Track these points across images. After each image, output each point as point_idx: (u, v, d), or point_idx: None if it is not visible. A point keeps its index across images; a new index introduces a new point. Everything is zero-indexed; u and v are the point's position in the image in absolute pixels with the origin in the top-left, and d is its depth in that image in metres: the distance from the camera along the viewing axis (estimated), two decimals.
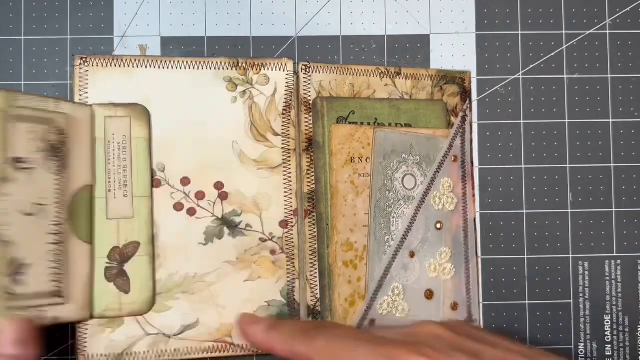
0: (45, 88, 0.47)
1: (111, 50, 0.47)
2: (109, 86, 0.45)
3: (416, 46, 0.49)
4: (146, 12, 0.48)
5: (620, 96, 0.49)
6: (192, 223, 0.45)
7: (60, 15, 0.47)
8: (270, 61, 0.47)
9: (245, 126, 0.46)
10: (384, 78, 0.48)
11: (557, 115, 0.49)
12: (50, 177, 0.41)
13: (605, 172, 0.49)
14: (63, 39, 0.47)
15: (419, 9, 0.49)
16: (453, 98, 0.49)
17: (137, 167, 0.44)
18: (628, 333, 0.48)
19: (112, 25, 0.47)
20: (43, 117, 0.41)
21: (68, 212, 0.42)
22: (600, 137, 0.49)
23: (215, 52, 0.48)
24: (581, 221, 0.49)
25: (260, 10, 0.48)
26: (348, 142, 0.46)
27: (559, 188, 0.49)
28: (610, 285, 0.49)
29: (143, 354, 0.44)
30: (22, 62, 0.47)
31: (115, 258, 0.44)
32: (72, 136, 0.43)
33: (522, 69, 0.49)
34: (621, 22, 0.49)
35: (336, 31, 0.49)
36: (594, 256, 0.49)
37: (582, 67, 0.49)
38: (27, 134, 0.40)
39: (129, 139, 0.44)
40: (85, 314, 0.43)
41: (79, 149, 0.43)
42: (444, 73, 0.49)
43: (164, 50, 0.47)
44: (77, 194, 0.43)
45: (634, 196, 0.49)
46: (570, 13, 0.49)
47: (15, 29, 0.47)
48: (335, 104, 0.46)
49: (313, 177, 0.46)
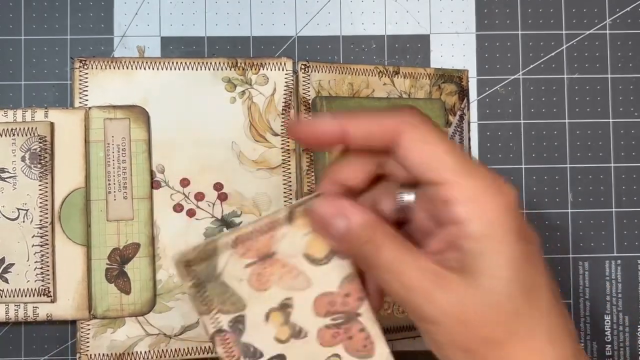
0: (45, 88, 0.47)
1: (111, 51, 0.47)
2: (108, 88, 0.45)
3: (416, 46, 0.49)
4: (146, 12, 0.48)
5: (621, 96, 0.49)
6: (191, 224, 0.45)
7: (60, 15, 0.47)
8: (269, 61, 0.47)
9: (245, 126, 0.46)
10: (383, 77, 0.48)
11: (557, 115, 0.49)
12: (34, 183, 0.43)
13: (605, 172, 0.49)
14: (63, 39, 0.47)
15: (419, 9, 0.49)
16: (451, 97, 0.48)
17: (137, 168, 0.44)
18: (628, 333, 0.48)
19: (112, 26, 0.47)
20: (23, 128, 0.44)
21: (58, 215, 0.44)
22: (600, 137, 0.49)
23: (215, 52, 0.48)
24: (581, 221, 0.49)
25: (260, 10, 0.48)
26: None
27: (559, 188, 0.49)
28: (611, 285, 0.49)
29: (144, 354, 0.44)
30: (21, 62, 0.47)
31: (116, 259, 0.44)
32: (62, 141, 0.44)
33: (522, 69, 0.49)
34: (621, 22, 0.49)
35: (336, 31, 0.49)
36: (594, 256, 0.49)
37: (582, 67, 0.49)
38: (8, 145, 0.43)
39: (128, 140, 0.44)
40: (84, 313, 0.44)
41: (70, 153, 0.44)
42: (442, 72, 0.49)
43: (163, 51, 0.47)
44: (68, 197, 0.44)
45: (634, 196, 0.49)
46: (571, 13, 0.49)
47: (15, 29, 0.47)
48: (335, 104, 0.46)
49: (313, 177, 0.46)
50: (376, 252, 0.28)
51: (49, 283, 0.43)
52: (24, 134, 0.44)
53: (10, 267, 0.43)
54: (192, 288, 0.30)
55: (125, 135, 0.44)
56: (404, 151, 0.27)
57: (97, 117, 0.44)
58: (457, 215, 0.26)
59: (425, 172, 0.27)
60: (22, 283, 0.43)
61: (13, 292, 0.43)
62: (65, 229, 0.44)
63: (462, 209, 0.26)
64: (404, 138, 0.27)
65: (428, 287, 0.27)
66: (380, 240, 0.28)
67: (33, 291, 0.43)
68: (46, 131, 0.44)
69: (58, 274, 0.44)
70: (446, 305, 0.26)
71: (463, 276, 0.26)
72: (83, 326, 0.44)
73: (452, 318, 0.27)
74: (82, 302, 0.44)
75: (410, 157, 0.27)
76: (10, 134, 0.44)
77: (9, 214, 0.43)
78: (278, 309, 0.30)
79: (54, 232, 0.44)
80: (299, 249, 0.30)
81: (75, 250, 0.44)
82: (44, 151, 0.44)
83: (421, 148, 0.27)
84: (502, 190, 0.27)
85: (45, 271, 0.43)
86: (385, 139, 0.28)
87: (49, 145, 0.44)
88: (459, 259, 0.27)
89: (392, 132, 0.28)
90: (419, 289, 0.27)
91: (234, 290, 0.30)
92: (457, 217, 0.26)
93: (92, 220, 0.44)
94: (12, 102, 0.46)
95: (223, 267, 0.30)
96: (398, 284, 0.27)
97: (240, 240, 0.30)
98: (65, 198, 0.44)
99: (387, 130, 0.28)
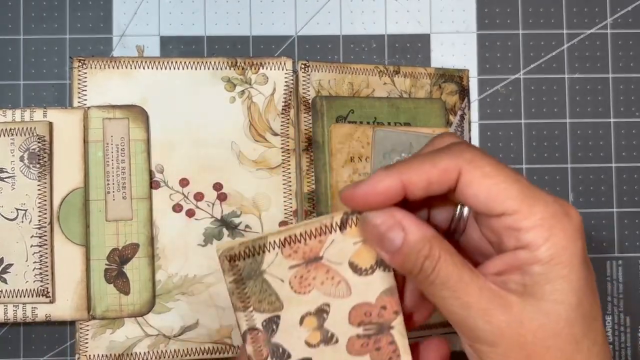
0: (44, 88, 0.47)
1: (110, 50, 0.47)
2: (107, 88, 0.45)
3: (416, 46, 0.49)
4: (145, 11, 0.47)
5: (622, 96, 0.49)
6: (191, 224, 0.45)
7: (59, 14, 0.47)
8: (269, 60, 0.47)
9: (244, 126, 0.46)
10: (383, 77, 0.48)
11: (558, 115, 0.49)
12: (32, 183, 0.43)
13: (606, 172, 0.49)
14: (62, 39, 0.47)
15: (419, 8, 0.49)
16: (451, 96, 0.48)
17: (136, 168, 0.44)
18: (629, 334, 0.48)
19: (111, 25, 0.47)
20: (22, 128, 0.44)
21: (56, 215, 0.44)
22: (601, 136, 0.49)
23: (214, 51, 0.47)
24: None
25: (260, 9, 0.48)
26: (348, 142, 0.46)
27: (560, 188, 0.49)
28: (612, 285, 0.48)
29: (143, 355, 0.44)
30: (21, 61, 0.47)
31: (115, 259, 0.44)
32: (61, 141, 0.44)
33: (522, 69, 0.49)
34: (622, 22, 0.49)
35: (336, 30, 0.48)
36: (595, 256, 0.48)
37: (583, 67, 0.49)
38: (6, 145, 0.43)
39: (127, 140, 0.44)
40: (83, 314, 0.44)
41: (68, 153, 0.44)
42: (443, 71, 0.48)
43: (163, 50, 0.47)
44: (67, 197, 0.44)
45: (635, 196, 0.49)
46: (571, 12, 0.49)
47: (14, 28, 0.47)
48: (335, 103, 0.46)
49: (313, 177, 0.46)
50: (434, 268, 0.27)
51: (48, 283, 0.43)
52: (23, 134, 0.43)
53: (9, 268, 0.43)
54: (233, 283, 0.29)
55: (124, 135, 0.44)
56: (466, 189, 0.27)
57: (96, 117, 0.44)
58: (527, 242, 0.26)
59: (492, 206, 0.27)
60: (21, 283, 0.43)
61: (12, 293, 0.43)
62: (64, 229, 0.44)
63: (532, 235, 0.26)
64: (464, 177, 0.27)
65: (487, 306, 0.26)
66: (438, 256, 0.27)
67: (32, 292, 0.43)
68: (45, 131, 0.44)
69: (57, 274, 0.44)
70: (505, 327, 0.26)
71: (524, 298, 0.26)
72: (82, 327, 0.44)
73: (510, 340, 0.26)
74: (81, 303, 0.43)
75: (473, 194, 0.27)
76: (9, 134, 0.43)
77: (8, 214, 0.43)
78: (314, 314, 0.30)
79: (53, 232, 0.44)
80: (345, 257, 0.30)
81: (74, 251, 0.44)
82: (43, 151, 0.43)
83: (484, 184, 0.27)
84: (569, 215, 0.26)
85: (44, 271, 0.43)
86: (446, 184, 0.27)
87: (47, 145, 0.44)
88: (522, 282, 0.26)
89: (451, 173, 0.27)
90: (478, 308, 0.26)
91: (274, 290, 0.30)
92: (527, 243, 0.26)
93: (91, 221, 0.44)
94: (11, 102, 0.46)
95: (267, 266, 0.29)
96: (456, 302, 0.27)
97: (288, 241, 0.29)
98: (64, 198, 0.44)
99: (446, 174, 0.27)
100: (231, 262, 0.29)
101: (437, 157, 0.27)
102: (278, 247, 0.29)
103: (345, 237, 0.30)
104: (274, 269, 0.29)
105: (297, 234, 0.29)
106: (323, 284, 0.30)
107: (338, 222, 0.30)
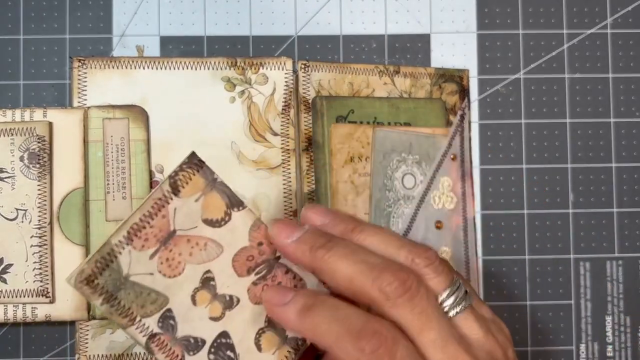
0: (44, 88, 0.46)
1: (110, 50, 0.47)
2: (107, 88, 0.45)
3: (416, 45, 0.49)
4: (145, 11, 0.47)
5: (622, 96, 0.49)
6: None
7: (59, 14, 0.47)
8: (269, 60, 0.47)
9: (244, 126, 0.46)
10: (383, 77, 0.48)
11: (558, 115, 0.49)
12: (32, 183, 0.43)
13: (606, 172, 0.49)
14: (62, 39, 0.47)
15: (419, 8, 0.49)
16: (451, 96, 0.48)
17: (136, 168, 0.44)
18: (630, 334, 0.48)
19: (110, 25, 0.47)
20: (22, 128, 0.44)
21: (56, 215, 0.44)
22: (601, 137, 0.49)
23: (214, 51, 0.47)
24: (582, 221, 0.48)
25: (260, 9, 0.48)
26: (348, 142, 0.46)
27: (560, 188, 0.49)
28: (612, 285, 0.48)
29: (143, 355, 0.44)
30: (20, 61, 0.47)
31: None
32: (61, 141, 0.44)
33: (523, 69, 0.49)
34: (622, 22, 0.49)
35: (336, 30, 0.48)
36: (595, 256, 0.48)
37: (583, 67, 0.49)
38: (6, 145, 0.43)
39: (127, 140, 0.44)
40: (83, 314, 0.44)
41: (68, 153, 0.44)
42: (443, 71, 0.48)
43: (163, 50, 0.47)
44: (67, 197, 0.44)
45: (636, 196, 0.49)
46: (572, 12, 0.49)
47: (13, 28, 0.47)
48: (335, 103, 0.46)
49: (313, 177, 0.46)
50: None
51: (48, 284, 0.43)
52: (23, 134, 0.43)
53: (8, 268, 0.43)
54: (105, 304, 0.27)
55: (124, 135, 0.44)
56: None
57: (96, 117, 0.44)
58: None
59: None
60: (21, 283, 0.43)
61: (11, 293, 0.43)
62: (64, 229, 0.44)
63: None
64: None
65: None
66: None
67: (32, 292, 0.43)
68: (45, 131, 0.44)
69: (57, 274, 0.44)
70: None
71: None
72: (82, 327, 0.44)
73: None
74: (81, 303, 0.43)
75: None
76: (8, 134, 0.43)
77: (8, 214, 0.43)
78: (201, 287, 0.29)
79: (53, 233, 0.44)
80: (196, 218, 0.29)
81: (74, 251, 0.44)
82: (43, 151, 0.43)
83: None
84: None
85: (44, 271, 0.43)
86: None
87: (47, 145, 0.44)
88: None
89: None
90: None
91: (149, 288, 0.28)
92: None
93: (91, 221, 0.44)
94: (10, 102, 0.46)
95: (128, 268, 0.27)
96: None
97: (133, 233, 0.28)
98: (64, 198, 0.44)
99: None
100: (90, 285, 0.27)
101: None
102: (127, 245, 0.27)
103: (184, 199, 0.28)
104: (136, 268, 0.28)
105: (137, 221, 0.28)
106: (192, 255, 0.29)
107: (169, 189, 0.28)
